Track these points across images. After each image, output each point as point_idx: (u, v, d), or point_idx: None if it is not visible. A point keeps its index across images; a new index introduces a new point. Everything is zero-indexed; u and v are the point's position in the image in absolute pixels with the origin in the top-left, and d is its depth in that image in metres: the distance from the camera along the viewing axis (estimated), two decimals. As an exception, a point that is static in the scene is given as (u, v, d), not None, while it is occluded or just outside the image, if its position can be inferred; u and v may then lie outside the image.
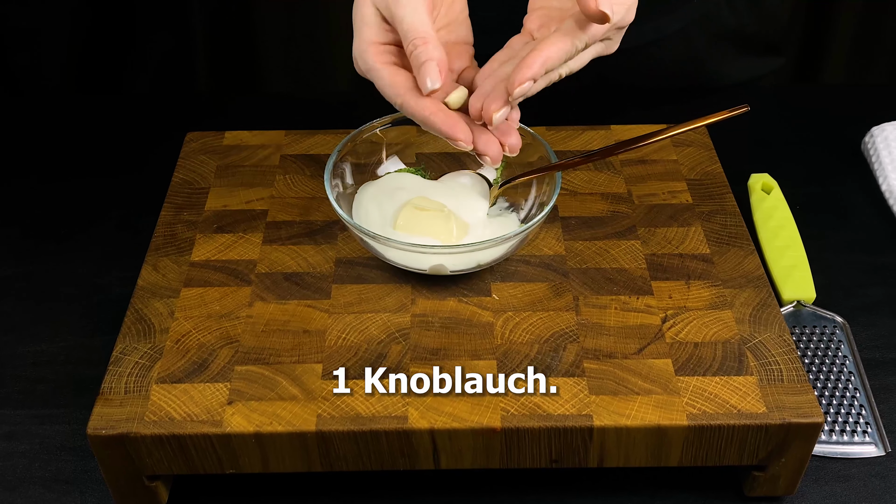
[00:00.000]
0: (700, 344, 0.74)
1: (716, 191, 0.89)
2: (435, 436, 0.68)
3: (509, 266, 0.81)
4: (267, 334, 0.75)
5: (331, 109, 1.13)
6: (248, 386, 0.71)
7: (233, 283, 0.80)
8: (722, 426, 0.68)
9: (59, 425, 0.79)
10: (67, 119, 1.16)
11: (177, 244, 0.83)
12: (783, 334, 0.74)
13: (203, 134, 0.97)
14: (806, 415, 0.68)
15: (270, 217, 0.86)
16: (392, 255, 0.77)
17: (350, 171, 0.84)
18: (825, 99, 1.19)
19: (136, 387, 0.71)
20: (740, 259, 0.81)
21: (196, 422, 0.68)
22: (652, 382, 0.71)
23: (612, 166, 0.92)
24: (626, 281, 0.79)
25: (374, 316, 0.76)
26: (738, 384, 0.71)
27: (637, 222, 0.85)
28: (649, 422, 0.68)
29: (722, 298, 0.78)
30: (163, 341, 0.75)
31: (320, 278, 0.80)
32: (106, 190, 1.03)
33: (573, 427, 0.68)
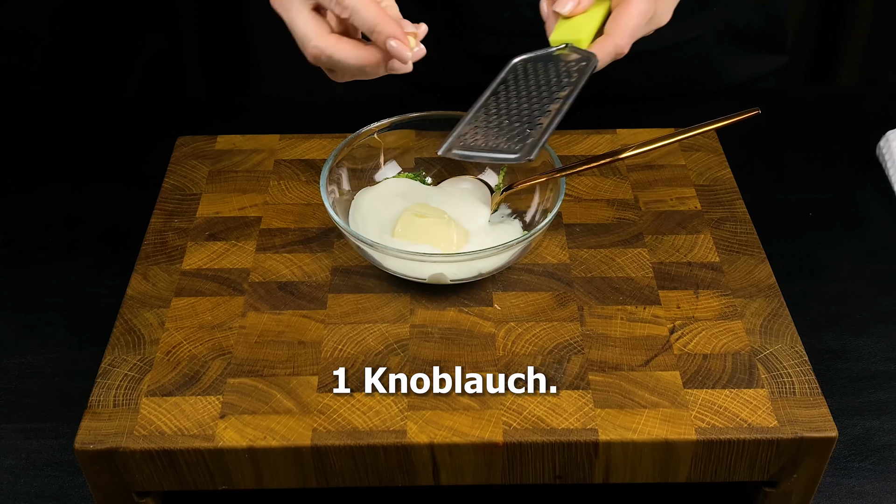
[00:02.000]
0: (709, 356, 0.74)
1: (725, 197, 0.89)
2: (435, 450, 0.68)
3: (511, 275, 0.81)
4: (261, 345, 0.75)
5: (327, 112, 1.13)
6: (242, 399, 0.71)
7: (225, 293, 0.80)
8: (732, 441, 0.68)
9: (46, 440, 0.79)
10: (52, 123, 1.16)
11: (167, 252, 0.84)
12: (795, 345, 0.75)
13: (194, 138, 0.97)
14: (819, 429, 0.69)
15: (264, 224, 0.86)
16: (390, 264, 0.77)
17: (347, 177, 0.84)
18: (838, 101, 1.19)
19: (125, 400, 0.71)
20: (751, 268, 0.82)
21: (187, 436, 0.69)
22: (659, 395, 0.71)
23: (618, 172, 0.92)
24: (632, 290, 0.80)
25: (372, 326, 0.77)
26: (749, 397, 0.71)
27: (644, 230, 0.85)
28: (656, 436, 0.68)
29: (732, 308, 0.78)
30: (153, 353, 0.75)
31: (316, 287, 0.80)
32: (93, 196, 1.03)
33: (578, 441, 0.68)
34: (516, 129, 0.70)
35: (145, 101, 1.27)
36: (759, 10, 1.12)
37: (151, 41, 1.77)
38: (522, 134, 0.70)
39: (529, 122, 0.71)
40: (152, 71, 1.79)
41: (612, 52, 0.73)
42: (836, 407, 0.78)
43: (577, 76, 0.72)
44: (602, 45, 0.73)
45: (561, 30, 0.75)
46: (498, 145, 0.70)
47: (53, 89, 1.76)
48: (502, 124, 0.71)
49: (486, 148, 0.70)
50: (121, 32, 1.75)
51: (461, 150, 0.70)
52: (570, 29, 0.74)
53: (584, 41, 0.73)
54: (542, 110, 0.71)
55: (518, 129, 0.70)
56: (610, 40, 0.73)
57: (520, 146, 0.69)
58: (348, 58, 0.71)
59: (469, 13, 1.05)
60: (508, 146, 0.69)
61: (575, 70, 0.73)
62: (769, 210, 0.96)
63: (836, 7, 1.76)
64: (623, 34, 0.73)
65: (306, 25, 0.71)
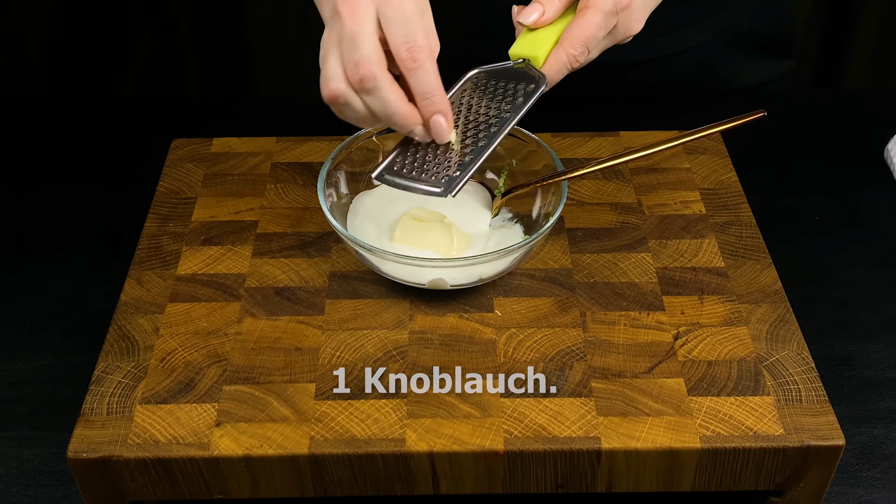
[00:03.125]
0: (714, 362, 0.74)
1: (731, 201, 0.89)
2: (434, 459, 0.68)
3: (513, 280, 0.81)
4: (257, 352, 0.75)
5: (324, 115, 1.13)
6: (237, 407, 0.71)
7: (221, 299, 0.80)
8: (737, 449, 0.68)
9: (38, 448, 0.79)
10: (45, 125, 1.16)
11: (162, 257, 0.84)
12: (802, 352, 0.75)
13: (190, 141, 0.97)
14: (826, 437, 0.69)
15: (261, 228, 0.87)
16: (389, 269, 0.77)
17: (345, 180, 0.85)
18: (845, 104, 1.19)
19: (118, 407, 0.71)
20: (756, 273, 0.82)
21: (182, 444, 0.69)
22: (663, 403, 0.71)
23: (621, 175, 0.92)
24: (635, 296, 0.80)
25: (370, 333, 0.77)
26: (755, 405, 0.71)
27: (648, 234, 0.86)
28: (660, 444, 0.68)
29: (737, 314, 0.78)
30: (147, 360, 0.75)
31: (313, 293, 0.80)
32: (87, 200, 1.03)
33: (580, 450, 0.68)
34: (448, 159, 0.73)
35: (140, 102, 1.27)
36: (765, 15, 1.12)
37: (146, 42, 1.77)
38: (451, 166, 0.73)
39: (462, 151, 0.73)
40: (147, 72, 1.79)
41: (565, 61, 0.74)
42: (844, 415, 0.78)
43: (522, 100, 0.74)
44: (554, 55, 0.74)
45: (521, 43, 0.75)
46: (425, 176, 0.73)
47: (47, 90, 1.76)
48: (438, 149, 0.74)
49: (412, 178, 0.74)
50: (116, 33, 1.75)
51: (392, 176, 0.74)
52: (530, 44, 0.75)
53: (540, 58, 0.74)
54: (477, 139, 0.74)
55: (450, 158, 0.73)
56: (561, 49, 0.73)
57: (445, 180, 0.72)
58: (393, 101, 0.69)
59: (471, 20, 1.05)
60: (435, 179, 0.73)
61: (522, 95, 0.74)
62: (775, 214, 0.96)
63: (843, 8, 1.76)
64: (575, 43, 0.73)
65: (373, 46, 0.68)
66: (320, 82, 0.70)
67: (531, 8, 0.75)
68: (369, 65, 0.68)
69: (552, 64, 0.74)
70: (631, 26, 0.75)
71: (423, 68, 0.69)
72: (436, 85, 0.70)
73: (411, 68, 0.69)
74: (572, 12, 0.75)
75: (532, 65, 0.75)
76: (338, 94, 0.69)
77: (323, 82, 0.70)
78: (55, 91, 1.76)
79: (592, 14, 0.72)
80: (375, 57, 0.68)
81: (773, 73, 1.18)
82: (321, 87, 0.70)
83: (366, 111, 0.70)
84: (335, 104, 0.70)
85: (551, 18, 0.75)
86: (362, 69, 0.68)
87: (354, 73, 0.68)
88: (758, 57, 1.16)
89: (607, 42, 0.75)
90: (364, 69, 0.68)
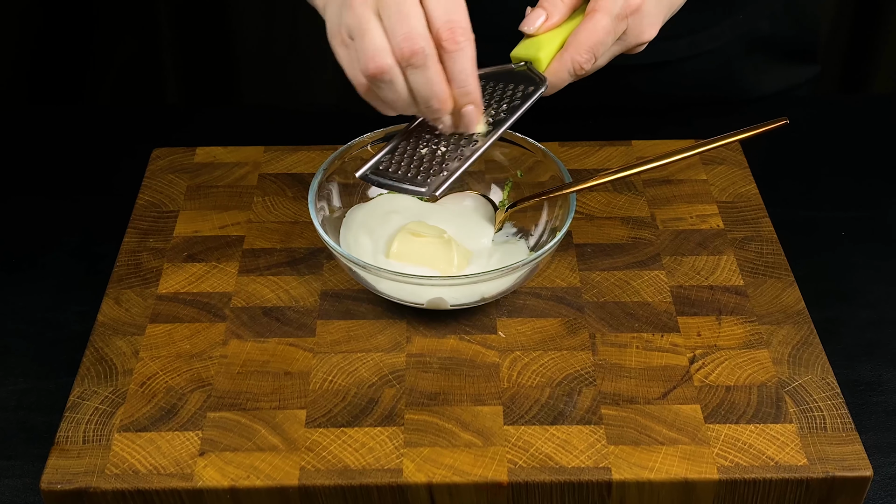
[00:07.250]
0: (732, 388, 0.74)
1: (750, 215, 0.89)
2: (433, 491, 0.69)
3: (517, 299, 0.81)
4: (243, 377, 0.76)
5: (315, 122, 1.14)
6: (223, 435, 0.71)
7: (205, 319, 0.80)
8: (757, 480, 0.69)
9: (10, 479, 0.79)
10: (18, 131, 1.16)
11: (142, 275, 0.84)
12: (826, 377, 0.75)
13: (171, 150, 0.98)
14: (852, 468, 0.69)
15: (247, 244, 0.87)
16: (385, 288, 0.78)
17: (337, 193, 0.85)
18: (872, 110, 1.20)
19: (95, 436, 0.71)
20: (778, 292, 0.82)
21: (163, 475, 0.69)
22: (678, 431, 0.71)
23: (633, 187, 0.92)
24: (648, 316, 0.80)
25: (365, 356, 0.77)
26: (776, 433, 0.71)
27: (661, 250, 0.86)
28: (675, 475, 0.68)
29: (757, 336, 0.78)
30: (126, 384, 0.75)
31: (304, 313, 0.81)
32: (61, 212, 1.03)
33: (589, 481, 0.68)
34: (437, 159, 0.74)
35: (118, 109, 1.27)
36: (789, 18, 1.13)
37: (125, 43, 1.77)
38: (439, 166, 0.73)
39: (454, 152, 0.74)
40: (126, 76, 1.80)
41: (570, 67, 0.74)
42: (871, 443, 0.78)
43: (519, 102, 0.74)
44: (558, 60, 0.74)
45: (523, 45, 0.76)
46: (411, 176, 0.74)
47: (19, 95, 1.76)
48: (431, 148, 0.75)
49: (397, 178, 0.74)
50: (93, 34, 1.76)
51: (377, 176, 0.75)
52: (532, 46, 0.75)
53: (542, 61, 0.75)
54: (470, 141, 0.74)
55: (439, 158, 0.74)
56: (567, 55, 0.73)
57: (431, 180, 0.73)
58: (438, 82, 0.68)
59: None
60: (421, 179, 0.73)
61: (520, 97, 0.75)
62: (798, 229, 0.96)
63: (871, 10, 1.77)
64: (581, 49, 0.73)
65: (423, 19, 0.67)
66: (359, 58, 0.68)
67: (534, 15, 0.75)
68: (420, 39, 0.67)
69: (555, 69, 0.74)
70: (643, 32, 0.75)
71: (464, 52, 0.68)
72: (472, 72, 0.69)
73: (451, 50, 0.67)
74: (580, 14, 0.75)
75: (534, 67, 0.75)
76: (385, 70, 0.68)
77: (367, 56, 0.68)
78: (27, 96, 1.77)
79: (600, 17, 0.72)
80: (425, 31, 0.67)
81: (796, 79, 1.19)
82: (363, 63, 0.68)
83: (405, 91, 0.69)
84: (379, 81, 0.69)
85: (556, 24, 0.75)
86: (414, 43, 0.66)
87: (405, 47, 0.67)
88: (780, 61, 1.16)
89: (617, 48, 0.75)
90: (416, 43, 0.67)
